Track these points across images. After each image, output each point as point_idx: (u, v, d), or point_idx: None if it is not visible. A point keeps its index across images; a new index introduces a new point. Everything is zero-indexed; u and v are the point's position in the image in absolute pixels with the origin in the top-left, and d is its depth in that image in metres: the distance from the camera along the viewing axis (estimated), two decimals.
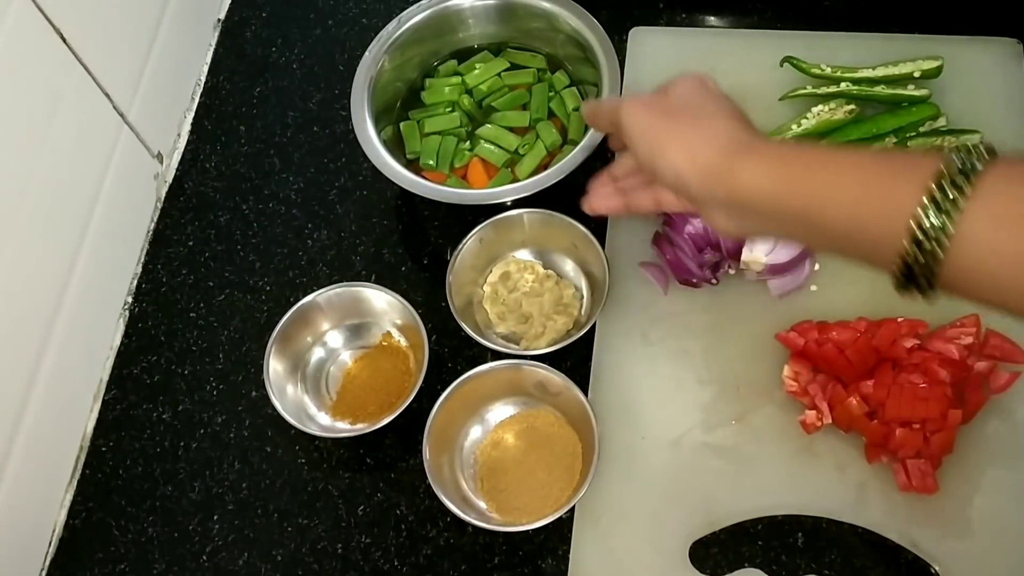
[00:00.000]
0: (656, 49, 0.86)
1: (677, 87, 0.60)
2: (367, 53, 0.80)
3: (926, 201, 0.43)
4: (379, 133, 0.77)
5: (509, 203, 0.75)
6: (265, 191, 0.86)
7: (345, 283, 0.75)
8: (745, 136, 0.55)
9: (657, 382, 0.72)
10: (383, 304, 0.75)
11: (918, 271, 0.45)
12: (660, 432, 0.70)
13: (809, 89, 0.80)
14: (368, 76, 0.79)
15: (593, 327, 0.73)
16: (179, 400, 0.77)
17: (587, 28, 0.79)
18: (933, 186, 0.43)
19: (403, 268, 0.80)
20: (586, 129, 0.76)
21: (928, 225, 0.43)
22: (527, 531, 0.66)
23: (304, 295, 0.74)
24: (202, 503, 0.73)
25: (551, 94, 0.83)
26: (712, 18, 0.89)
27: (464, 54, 0.85)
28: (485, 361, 0.71)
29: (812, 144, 0.62)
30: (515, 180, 0.78)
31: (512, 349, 0.72)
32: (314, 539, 0.71)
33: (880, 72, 0.79)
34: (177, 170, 0.87)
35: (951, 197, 0.43)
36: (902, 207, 0.44)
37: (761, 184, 0.52)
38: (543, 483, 0.68)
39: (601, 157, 0.74)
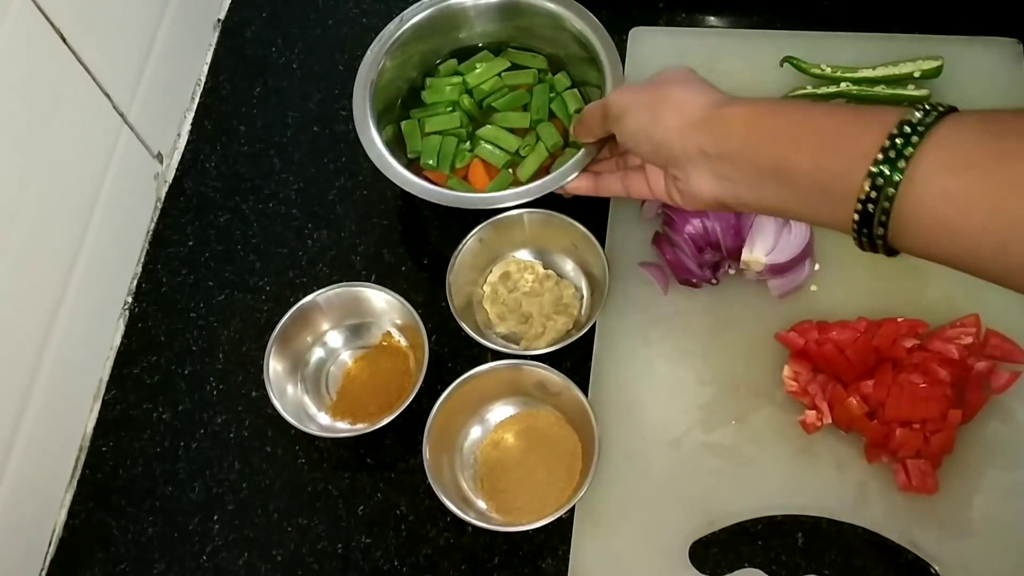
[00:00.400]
0: (656, 49, 0.86)
1: (662, 72, 0.64)
2: (368, 52, 0.80)
3: (885, 145, 0.46)
4: (380, 133, 0.77)
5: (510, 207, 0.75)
6: (265, 191, 0.86)
7: (345, 283, 0.75)
8: (730, 96, 0.59)
9: (657, 382, 0.72)
10: (383, 304, 0.75)
11: (875, 217, 0.47)
12: (660, 432, 0.70)
13: (809, 89, 0.80)
14: (369, 76, 0.79)
15: (593, 327, 0.73)
16: (179, 400, 0.77)
17: (590, 29, 0.79)
18: (894, 132, 0.46)
19: (403, 268, 0.80)
20: None
21: (884, 172, 0.46)
22: (527, 531, 0.66)
23: (304, 295, 0.74)
24: (202, 503, 0.73)
25: (552, 95, 0.83)
26: (712, 18, 0.89)
27: (465, 53, 0.85)
28: (485, 361, 0.71)
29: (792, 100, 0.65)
30: (516, 182, 0.78)
31: (512, 349, 0.72)
32: (314, 539, 0.71)
33: (880, 72, 0.79)
34: (177, 170, 0.87)
35: (905, 144, 0.45)
36: (863, 153, 0.47)
37: (740, 130, 0.55)
38: (543, 483, 0.68)
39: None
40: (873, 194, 0.47)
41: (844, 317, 0.71)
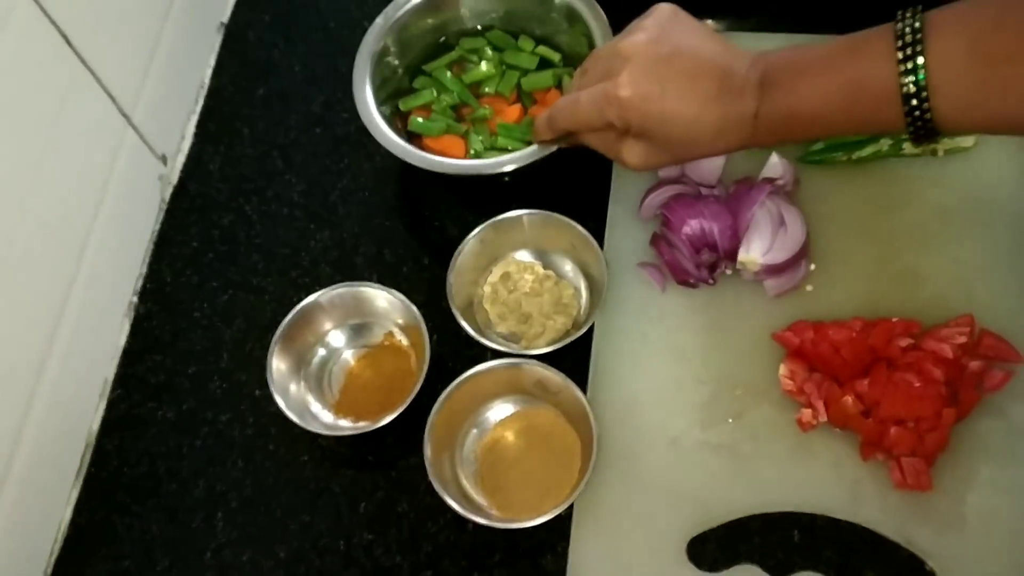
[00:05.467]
0: None
1: (650, 27, 0.65)
2: (370, 32, 0.81)
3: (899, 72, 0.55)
4: (379, 107, 0.78)
5: (506, 177, 0.75)
6: (268, 192, 0.86)
7: (347, 283, 0.76)
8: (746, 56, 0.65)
9: (655, 381, 0.73)
10: (385, 304, 0.75)
11: (922, 126, 0.55)
12: (658, 430, 0.71)
13: None
14: (371, 50, 0.80)
15: (592, 327, 0.74)
16: (183, 399, 0.78)
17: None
18: (898, 31, 0.56)
19: (404, 268, 0.81)
20: None
21: (911, 91, 0.55)
22: (527, 528, 0.67)
23: (307, 295, 0.75)
24: (206, 501, 0.74)
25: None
26: (711, 20, 0.89)
27: (457, 34, 0.86)
28: (485, 360, 0.72)
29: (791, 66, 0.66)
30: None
31: (512, 348, 0.73)
32: (316, 536, 0.71)
33: None
34: (181, 172, 0.88)
35: (914, 59, 0.54)
36: (885, 88, 0.56)
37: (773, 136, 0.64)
38: (542, 480, 0.69)
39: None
40: (911, 113, 0.55)
41: (840, 317, 0.72)
